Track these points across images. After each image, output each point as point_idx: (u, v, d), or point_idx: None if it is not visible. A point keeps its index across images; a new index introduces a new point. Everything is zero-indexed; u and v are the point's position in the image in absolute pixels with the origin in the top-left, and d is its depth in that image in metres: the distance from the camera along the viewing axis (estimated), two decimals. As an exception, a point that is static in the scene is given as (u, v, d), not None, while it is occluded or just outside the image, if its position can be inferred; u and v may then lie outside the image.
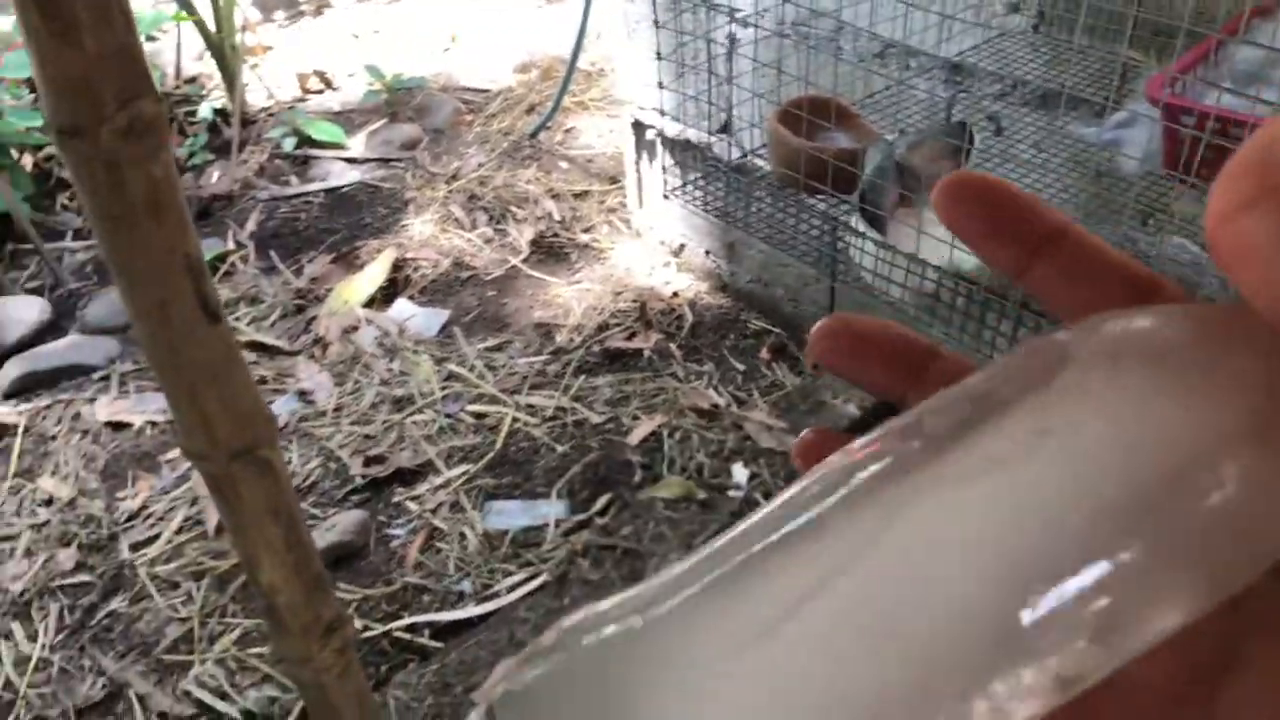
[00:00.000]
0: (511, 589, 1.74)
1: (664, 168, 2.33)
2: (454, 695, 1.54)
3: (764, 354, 2.26)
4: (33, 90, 3.20)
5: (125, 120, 0.84)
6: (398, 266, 2.63)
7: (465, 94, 3.57)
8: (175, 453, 2.11)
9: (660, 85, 2.31)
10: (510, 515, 1.88)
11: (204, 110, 3.37)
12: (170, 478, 2.03)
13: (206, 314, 0.98)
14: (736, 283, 2.42)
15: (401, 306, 2.52)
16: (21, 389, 2.32)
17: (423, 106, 3.44)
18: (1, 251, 2.81)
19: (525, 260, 2.69)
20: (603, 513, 1.89)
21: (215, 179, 3.08)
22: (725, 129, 2.20)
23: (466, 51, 3.92)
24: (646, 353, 2.28)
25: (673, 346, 2.30)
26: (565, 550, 1.79)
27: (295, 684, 1.32)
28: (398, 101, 3.41)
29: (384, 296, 2.57)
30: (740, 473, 1.91)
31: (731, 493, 1.88)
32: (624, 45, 2.40)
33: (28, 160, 3.11)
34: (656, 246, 2.63)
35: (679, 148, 2.39)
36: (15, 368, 2.33)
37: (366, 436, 2.09)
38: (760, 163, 1.77)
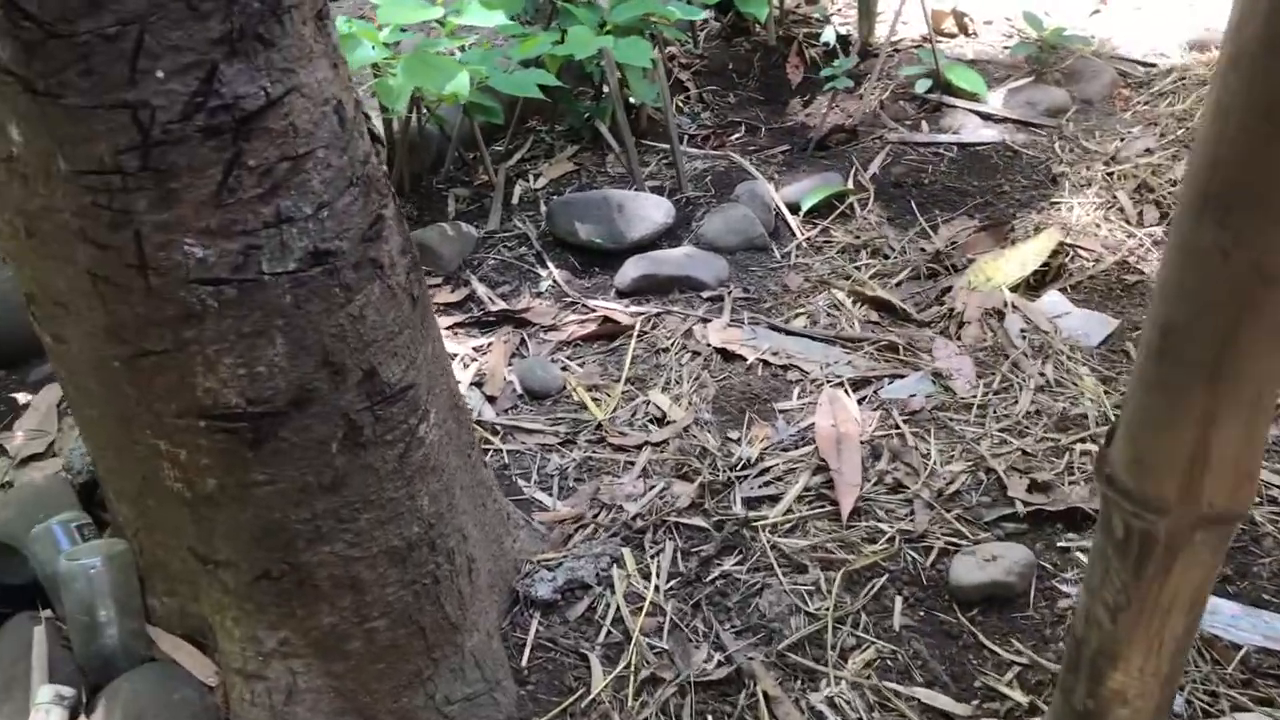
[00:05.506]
0: (1243, 730, 1.27)
1: None
2: None
3: None
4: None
5: None
6: (1053, 253, 2.19)
7: (1124, 64, 3.00)
8: (790, 403, 1.86)
9: None
10: (1232, 622, 1.40)
11: (827, 34, 3.14)
12: (787, 432, 1.79)
13: None
14: None
15: (1053, 300, 2.08)
16: (637, 290, 2.21)
17: (1073, 71, 2.93)
18: (625, 143, 2.76)
19: (1205, 278, 2.13)
20: (1371, 663, 1.34)
21: (825, 110, 2.81)
22: None
23: (1119, 16, 3.33)
24: None
25: None
26: (1331, 705, 1.28)
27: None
28: (1046, 61, 2.94)
29: (1030, 283, 2.15)
30: None
31: None
32: None
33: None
34: None
35: None
36: (635, 267, 2.22)
37: (1024, 453, 1.70)
38: None
